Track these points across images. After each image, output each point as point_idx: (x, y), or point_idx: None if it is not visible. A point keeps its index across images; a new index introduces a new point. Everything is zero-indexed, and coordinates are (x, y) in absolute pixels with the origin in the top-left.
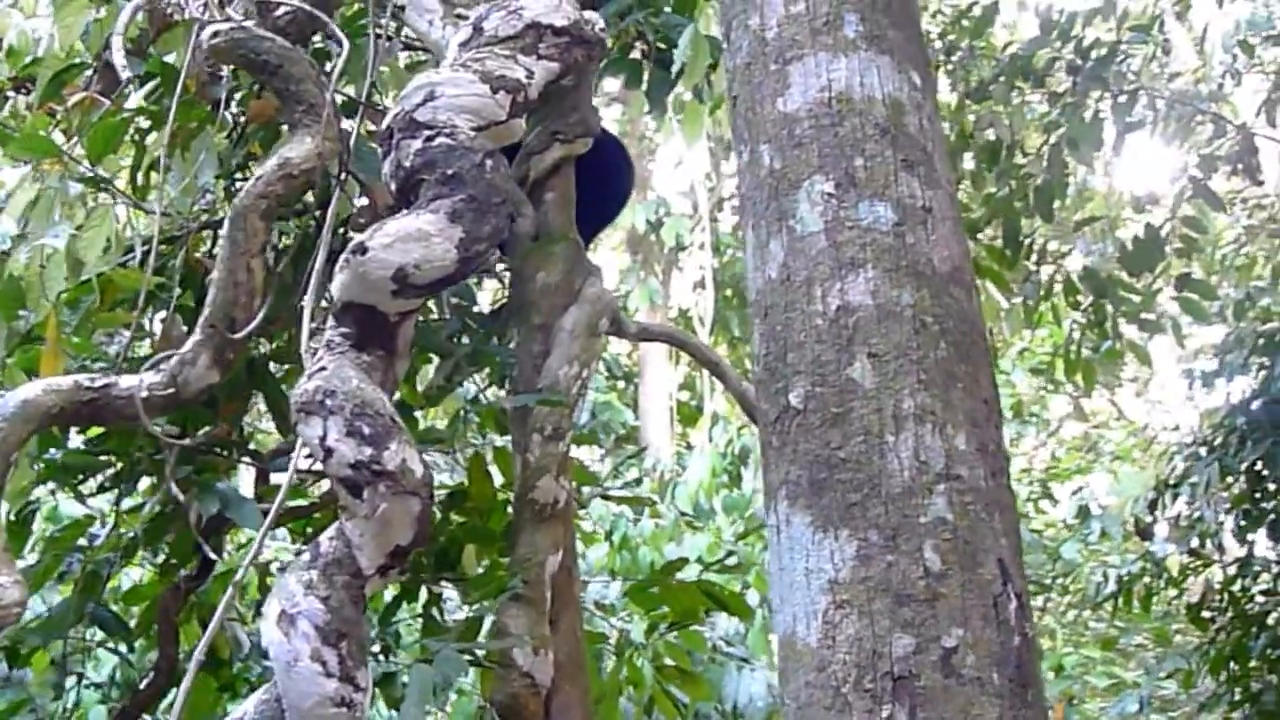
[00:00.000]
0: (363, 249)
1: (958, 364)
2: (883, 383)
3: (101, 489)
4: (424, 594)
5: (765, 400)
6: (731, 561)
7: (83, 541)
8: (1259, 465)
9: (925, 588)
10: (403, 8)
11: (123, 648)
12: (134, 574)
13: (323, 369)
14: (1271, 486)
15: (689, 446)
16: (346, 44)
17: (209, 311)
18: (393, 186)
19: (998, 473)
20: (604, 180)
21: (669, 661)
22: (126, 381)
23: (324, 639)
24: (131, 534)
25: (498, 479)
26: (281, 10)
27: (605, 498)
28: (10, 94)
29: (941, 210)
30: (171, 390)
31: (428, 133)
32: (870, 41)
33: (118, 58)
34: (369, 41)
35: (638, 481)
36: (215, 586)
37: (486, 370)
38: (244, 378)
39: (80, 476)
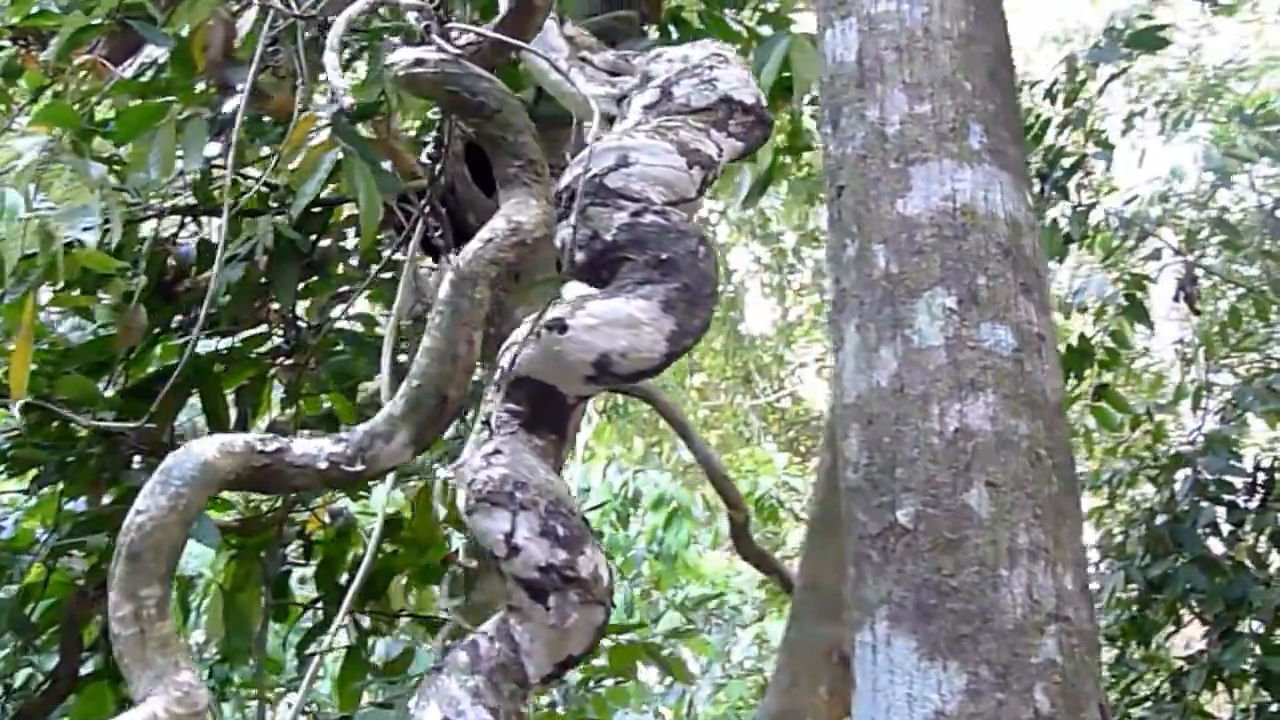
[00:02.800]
0: (562, 326)
1: (1066, 500)
2: (999, 514)
3: (36, 481)
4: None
5: (863, 512)
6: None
7: None
8: (1155, 577)
9: None
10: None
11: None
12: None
13: (498, 452)
14: (1161, 598)
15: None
16: (597, 109)
17: (418, 384)
18: (578, 256)
19: (1093, 614)
20: None
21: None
22: (301, 448)
23: None
24: (54, 533)
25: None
26: (466, 39)
27: None
28: (5, 43)
29: (1050, 340)
30: (359, 467)
31: (631, 205)
32: (994, 155)
33: (333, 76)
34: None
35: None
36: None
37: None
38: (189, 376)
39: (21, 468)
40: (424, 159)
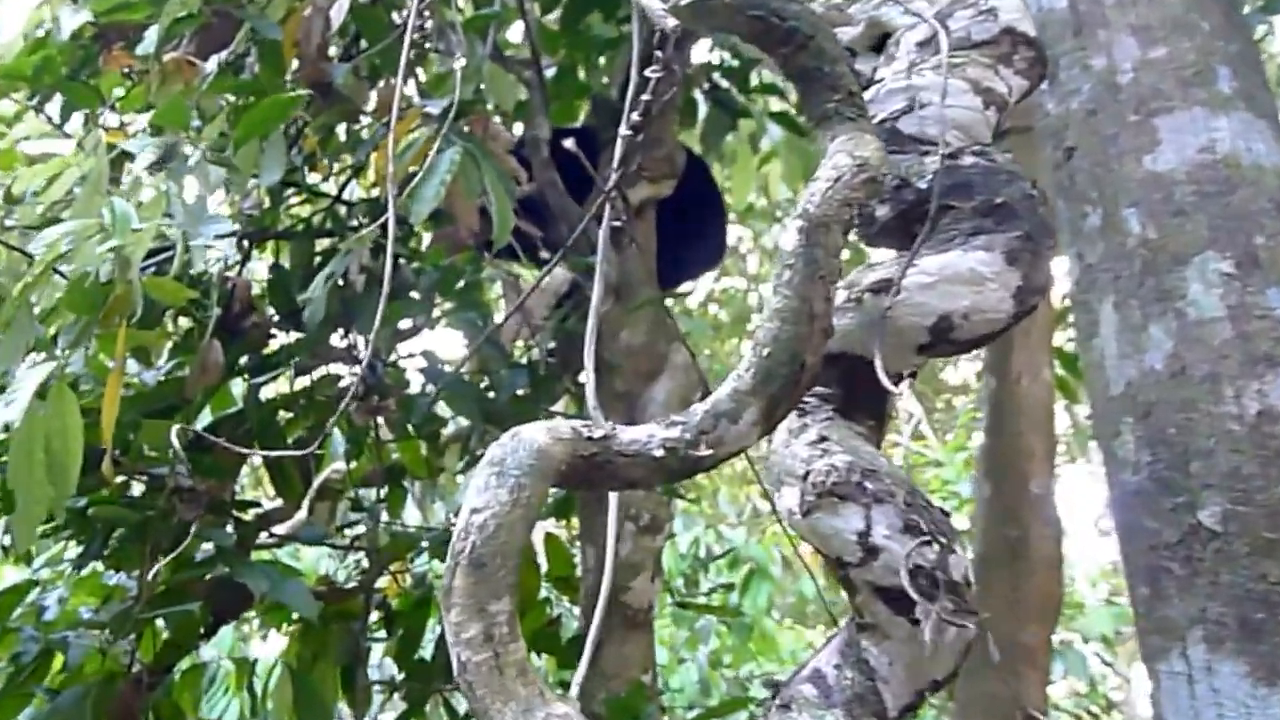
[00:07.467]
0: (893, 288)
1: None
2: None
3: (101, 551)
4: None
5: (1152, 517)
6: None
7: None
8: None
9: None
10: None
11: None
12: None
13: (825, 439)
14: None
15: None
16: (929, 29)
17: (769, 351)
18: (880, 211)
19: None
20: (693, 234)
21: None
22: (629, 434)
23: None
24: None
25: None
26: None
27: (683, 606)
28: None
29: None
30: (704, 451)
31: (941, 150)
32: (1248, 101)
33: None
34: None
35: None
36: (182, 682)
37: None
38: (254, 427)
39: (98, 530)
40: (627, 121)
